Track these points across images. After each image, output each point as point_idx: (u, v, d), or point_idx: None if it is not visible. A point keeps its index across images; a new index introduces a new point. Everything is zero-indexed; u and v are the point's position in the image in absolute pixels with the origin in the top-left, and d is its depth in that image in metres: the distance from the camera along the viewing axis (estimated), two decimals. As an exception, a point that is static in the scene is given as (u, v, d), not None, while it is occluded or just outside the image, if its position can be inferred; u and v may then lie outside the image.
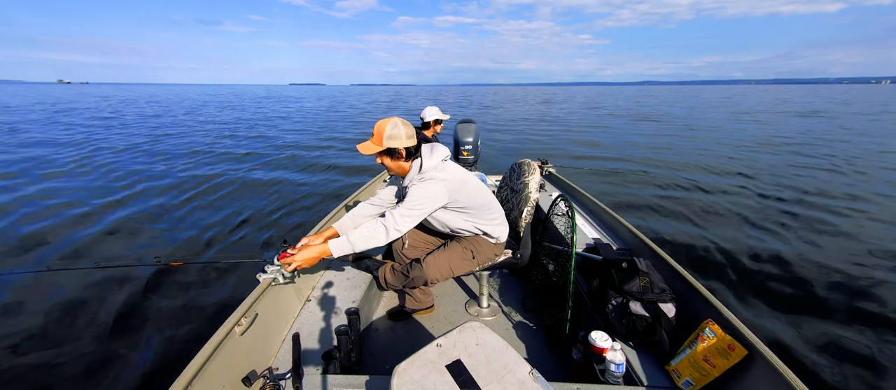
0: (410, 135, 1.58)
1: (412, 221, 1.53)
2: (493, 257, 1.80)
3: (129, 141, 11.26)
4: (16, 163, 7.91)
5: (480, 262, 1.77)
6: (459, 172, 1.68)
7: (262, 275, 1.59)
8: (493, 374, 0.88)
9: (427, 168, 1.59)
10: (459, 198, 1.62)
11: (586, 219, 2.68)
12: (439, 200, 1.57)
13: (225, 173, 7.24)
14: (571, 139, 11.73)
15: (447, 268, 1.73)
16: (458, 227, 1.70)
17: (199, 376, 1.13)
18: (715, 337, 1.28)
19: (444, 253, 1.76)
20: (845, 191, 5.65)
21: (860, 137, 11.36)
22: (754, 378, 1.20)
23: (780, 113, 21.78)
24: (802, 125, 15.30)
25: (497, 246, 1.79)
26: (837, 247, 3.74)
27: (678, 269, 1.68)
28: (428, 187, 1.54)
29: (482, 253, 1.76)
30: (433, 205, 1.56)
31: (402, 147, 1.56)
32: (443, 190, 1.56)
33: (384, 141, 1.54)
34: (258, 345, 1.45)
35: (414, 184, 1.57)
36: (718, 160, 8.18)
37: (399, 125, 1.55)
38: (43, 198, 5.57)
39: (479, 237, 1.75)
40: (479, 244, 1.75)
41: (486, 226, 1.72)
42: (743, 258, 3.53)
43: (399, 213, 1.51)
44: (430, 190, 1.54)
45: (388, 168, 1.64)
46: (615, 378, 1.34)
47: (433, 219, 1.68)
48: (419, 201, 1.52)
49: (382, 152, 1.58)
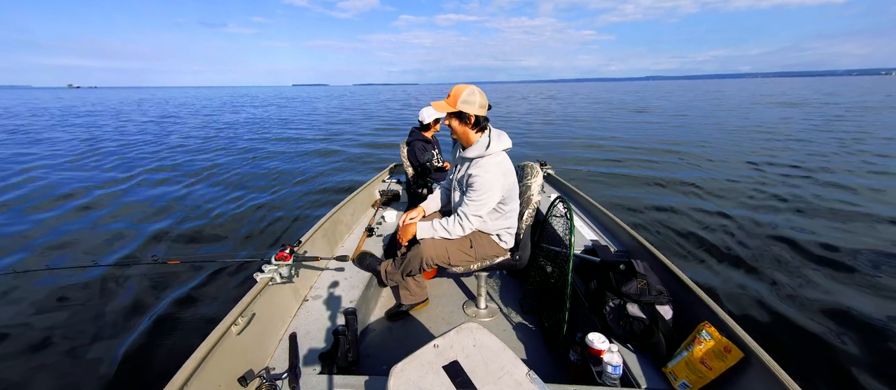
0: (483, 106, 1.61)
1: (483, 210, 1.60)
2: (491, 255, 1.80)
3: (201, 136, 11.90)
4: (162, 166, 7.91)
5: (478, 255, 1.76)
6: (512, 172, 1.71)
7: (260, 275, 1.59)
8: (490, 375, 0.88)
9: (494, 149, 1.61)
10: (505, 193, 1.64)
11: (584, 220, 2.68)
12: (501, 191, 1.61)
13: (240, 167, 7.38)
14: (573, 141, 11.75)
15: (444, 253, 1.71)
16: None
17: (195, 375, 1.13)
18: (711, 339, 1.28)
19: (444, 241, 1.75)
20: (851, 189, 5.66)
21: (865, 132, 11.43)
22: (750, 380, 1.20)
23: (775, 104, 21.86)
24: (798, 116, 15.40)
25: (501, 250, 1.80)
26: (839, 248, 3.75)
27: (675, 272, 1.69)
28: (494, 177, 1.58)
29: (481, 246, 1.75)
30: (498, 193, 1.60)
31: (473, 113, 1.59)
32: (502, 180, 1.61)
33: (459, 103, 1.58)
34: (255, 345, 1.45)
35: (479, 164, 1.60)
36: (723, 156, 8.20)
37: (476, 93, 1.60)
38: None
39: (485, 234, 1.76)
40: (479, 237, 1.75)
41: (503, 229, 1.75)
42: (740, 260, 3.54)
43: (470, 211, 1.59)
44: (494, 180, 1.58)
45: (454, 131, 1.66)
46: (612, 380, 1.34)
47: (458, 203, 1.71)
48: (485, 189, 1.57)
49: (453, 113, 1.61)
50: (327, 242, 2.29)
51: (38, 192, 5.87)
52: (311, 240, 2.05)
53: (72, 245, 3.99)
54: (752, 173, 7.01)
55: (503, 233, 1.76)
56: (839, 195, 5.48)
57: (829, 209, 4.88)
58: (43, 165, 7.86)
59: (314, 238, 2.09)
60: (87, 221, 4.64)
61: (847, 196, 5.45)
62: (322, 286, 1.94)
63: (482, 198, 1.58)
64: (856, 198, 5.35)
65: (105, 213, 4.90)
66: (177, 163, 8.08)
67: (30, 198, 5.56)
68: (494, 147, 1.61)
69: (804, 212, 4.87)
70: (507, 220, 1.74)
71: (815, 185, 6.03)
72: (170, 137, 12.25)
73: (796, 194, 5.56)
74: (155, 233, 4.29)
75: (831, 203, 5.17)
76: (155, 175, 6.98)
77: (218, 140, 11.71)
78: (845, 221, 4.51)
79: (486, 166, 1.59)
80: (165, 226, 4.47)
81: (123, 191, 6.02)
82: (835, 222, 4.48)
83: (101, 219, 4.71)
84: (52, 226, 4.53)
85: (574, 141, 11.52)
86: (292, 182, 6.58)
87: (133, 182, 6.46)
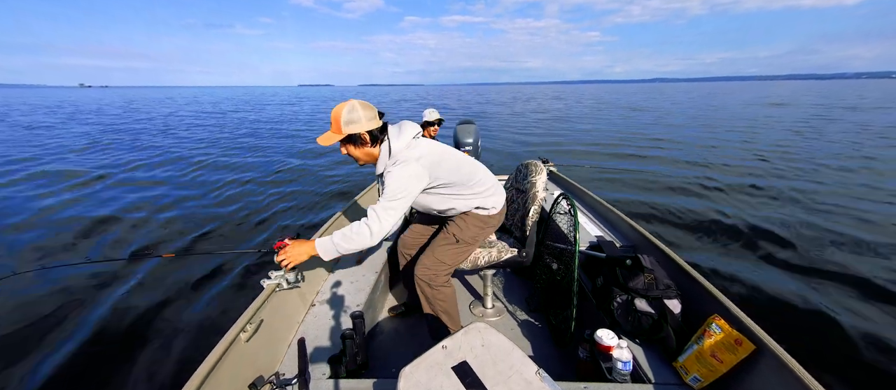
0: (371, 117, 1.43)
1: (395, 215, 1.39)
2: (480, 233, 1.65)
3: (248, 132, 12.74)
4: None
5: (471, 237, 1.63)
6: (435, 147, 1.54)
7: (267, 281, 1.59)
8: (500, 375, 0.88)
9: (397, 149, 1.44)
10: (440, 174, 1.48)
11: (588, 217, 2.67)
12: (419, 184, 1.44)
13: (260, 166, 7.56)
14: (575, 138, 11.71)
15: (435, 262, 1.60)
16: (447, 207, 1.57)
17: (206, 383, 1.14)
18: (722, 332, 1.27)
19: (430, 248, 1.66)
20: (858, 187, 5.62)
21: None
22: (763, 372, 1.19)
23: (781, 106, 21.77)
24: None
25: (488, 219, 1.64)
26: (849, 240, 3.71)
27: (682, 265, 1.67)
28: (402, 172, 1.40)
29: (467, 231, 1.62)
30: (414, 191, 1.43)
31: (363, 131, 1.41)
32: (419, 171, 1.42)
33: (343, 127, 1.40)
34: (264, 351, 1.45)
35: (388, 172, 1.43)
36: (729, 155, 8.18)
37: (357, 108, 1.41)
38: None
39: (465, 215, 1.62)
40: (463, 224, 1.62)
41: (477, 199, 1.58)
42: (749, 251, 3.52)
43: (380, 209, 1.38)
44: (404, 174, 1.40)
45: (356, 158, 1.50)
46: (622, 376, 1.33)
47: (417, 205, 1.56)
48: (396, 191, 1.38)
49: (344, 140, 1.45)
50: None
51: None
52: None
53: (65, 240, 4.02)
54: (759, 164, 6.99)
55: (480, 201, 1.59)
56: (851, 187, 5.45)
57: (838, 204, 4.84)
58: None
59: None
60: (111, 219, 4.67)
61: (860, 187, 5.41)
62: (328, 290, 1.95)
63: (393, 200, 1.39)
64: (869, 191, 5.31)
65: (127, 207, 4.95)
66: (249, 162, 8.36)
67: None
68: (397, 146, 1.44)
69: (812, 204, 4.83)
70: (471, 189, 1.57)
71: (825, 179, 5.99)
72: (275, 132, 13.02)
73: (803, 187, 5.53)
74: (164, 229, 4.35)
75: (842, 196, 5.14)
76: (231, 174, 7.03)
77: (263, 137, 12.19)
78: (856, 213, 4.47)
79: (393, 173, 1.42)
80: (177, 225, 4.52)
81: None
82: (844, 215, 4.44)
83: (162, 208, 4.79)
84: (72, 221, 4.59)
85: (576, 138, 11.50)
86: (300, 181, 6.71)
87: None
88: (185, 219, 4.71)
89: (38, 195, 5.78)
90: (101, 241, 4.09)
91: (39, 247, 3.90)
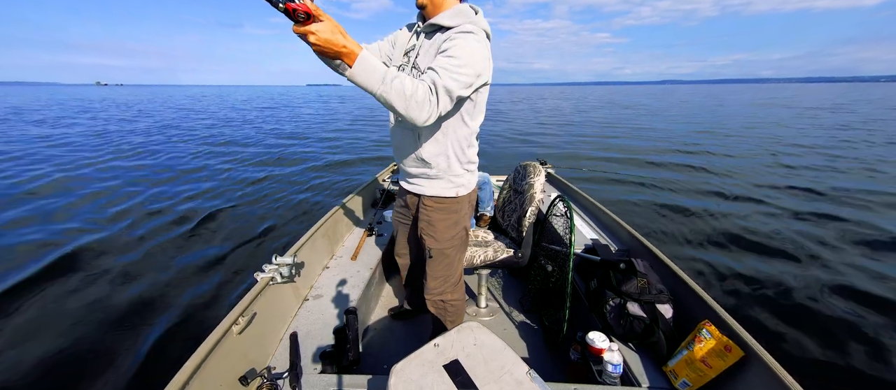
0: None
1: (451, 95, 1.07)
2: (457, 234, 1.44)
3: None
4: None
5: (446, 245, 1.45)
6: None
7: (260, 274, 1.59)
8: (491, 374, 0.89)
9: (481, 24, 1.19)
10: (481, 95, 1.24)
11: (584, 219, 2.68)
12: (486, 70, 1.16)
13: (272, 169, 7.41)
14: (575, 138, 11.74)
15: (438, 284, 1.51)
16: (437, 152, 1.30)
17: (196, 375, 1.13)
18: (712, 337, 1.28)
19: (427, 274, 1.54)
20: (857, 191, 5.67)
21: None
22: (751, 379, 1.20)
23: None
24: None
25: (458, 207, 1.40)
26: (841, 247, 3.75)
27: (675, 270, 1.69)
28: (477, 44, 1.12)
29: (445, 233, 1.42)
30: (482, 74, 1.15)
31: None
32: (489, 59, 1.17)
33: None
34: (256, 345, 1.45)
35: (457, 37, 1.12)
36: (732, 157, 8.22)
37: None
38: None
39: (440, 204, 1.40)
40: (440, 224, 1.42)
41: (466, 154, 1.35)
42: (741, 260, 3.54)
43: (442, 80, 1.04)
44: (480, 48, 1.13)
45: None
46: (612, 378, 1.34)
47: (398, 139, 1.34)
48: (464, 63, 1.08)
49: None
50: (328, 241, 2.30)
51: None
52: (311, 240, 2.05)
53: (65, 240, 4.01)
54: (761, 169, 7.04)
55: (469, 152, 1.36)
56: (846, 196, 5.49)
57: (833, 213, 4.88)
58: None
59: (315, 237, 2.09)
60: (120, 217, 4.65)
61: (857, 195, 5.46)
62: (322, 285, 1.94)
63: (461, 67, 1.07)
64: (866, 197, 5.36)
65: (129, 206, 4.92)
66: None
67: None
68: (481, 23, 1.18)
69: (805, 213, 4.87)
70: (472, 144, 1.36)
71: (823, 186, 6.03)
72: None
73: (800, 194, 5.57)
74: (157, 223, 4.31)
75: (837, 204, 5.18)
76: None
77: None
78: (849, 220, 4.51)
79: (468, 41, 1.11)
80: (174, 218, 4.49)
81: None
82: (838, 222, 4.49)
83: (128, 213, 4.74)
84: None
85: (575, 139, 11.52)
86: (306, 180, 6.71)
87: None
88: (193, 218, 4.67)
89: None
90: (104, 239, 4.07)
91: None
